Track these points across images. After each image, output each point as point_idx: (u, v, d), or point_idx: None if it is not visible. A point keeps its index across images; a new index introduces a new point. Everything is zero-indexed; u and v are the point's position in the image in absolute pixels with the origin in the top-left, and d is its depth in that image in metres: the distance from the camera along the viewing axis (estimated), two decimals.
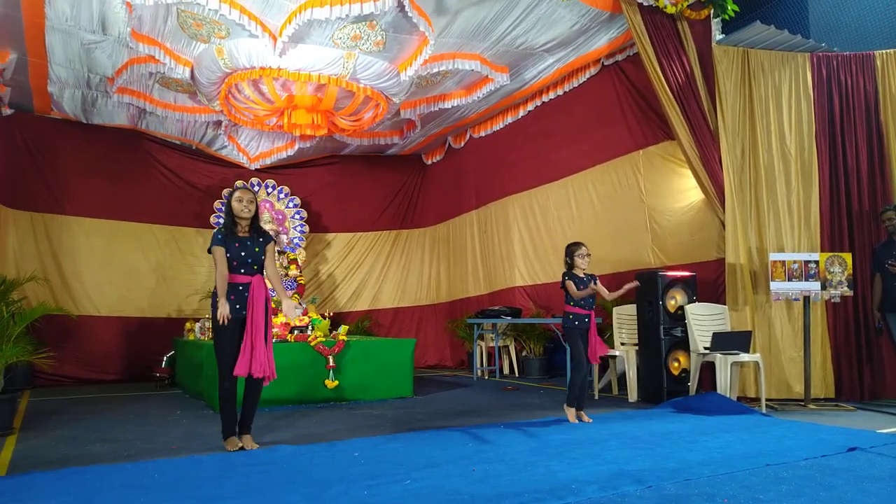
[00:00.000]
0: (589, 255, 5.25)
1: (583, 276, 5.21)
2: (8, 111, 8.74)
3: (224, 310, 4.15)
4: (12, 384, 7.58)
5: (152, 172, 10.24)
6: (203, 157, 10.70)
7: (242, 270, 4.29)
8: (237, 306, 4.24)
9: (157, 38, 7.10)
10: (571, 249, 5.24)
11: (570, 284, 5.15)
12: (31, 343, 5.45)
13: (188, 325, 8.65)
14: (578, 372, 5.16)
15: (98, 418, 5.81)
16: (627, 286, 5.27)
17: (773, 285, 6.03)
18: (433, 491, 3.14)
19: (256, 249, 4.36)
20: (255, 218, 4.43)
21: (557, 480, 3.29)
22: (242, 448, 4.24)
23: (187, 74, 7.73)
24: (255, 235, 4.41)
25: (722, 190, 6.37)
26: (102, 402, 6.90)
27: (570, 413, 5.19)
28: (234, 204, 4.35)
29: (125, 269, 9.79)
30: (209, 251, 4.33)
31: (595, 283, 5.20)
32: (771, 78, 6.62)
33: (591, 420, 5.18)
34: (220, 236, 4.31)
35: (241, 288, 4.27)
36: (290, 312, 4.52)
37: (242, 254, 4.30)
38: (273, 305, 8.53)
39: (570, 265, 5.23)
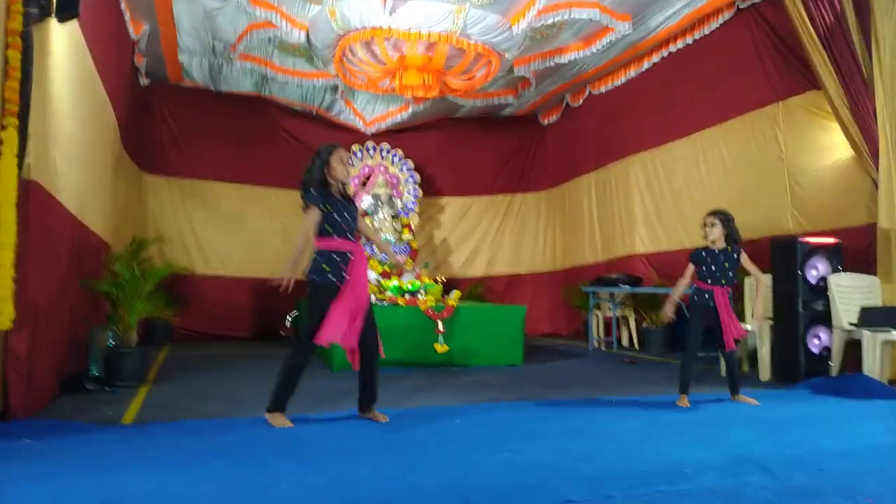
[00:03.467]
0: (705, 225, 4.70)
1: (715, 250, 4.66)
2: (145, 81, 9.31)
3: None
4: (154, 338, 8.26)
5: (276, 138, 10.58)
6: (323, 123, 10.92)
7: (349, 235, 3.90)
8: (344, 275, 3.84)
9: (272, 2, 7.22)
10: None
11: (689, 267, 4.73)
12: (162, 300, 5.80)
13: None
14: (686, 353, 4.70)
15: (222, 373, 6.12)
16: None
17: None
18: (531, 466, 2.97)
19: (353, 215, 3.98)
20: (346, 184, 4.08)
21: (670, 463, 3.01)
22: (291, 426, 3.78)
23: (303, 38, 7.85)
24: (346, 199, 3.99)
25: (876, 146, 5.65)
26: (229, 358, 7.28)
27: (684, 402, 4.61)
28: (337, 164, 3.89)
29: (252, 232, 10.26)
30: (304, 208, 3.86)
31: (738, 257, 4.69)
32: None
33: (757, 402, 4.62)
34: (315, 194, 3.83)
35: (349, 255, 3.87)
36: (393, 257, 4.73)
37: (346, 215, 3.90)
38: (387, 269, 8.74)
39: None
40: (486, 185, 11.69)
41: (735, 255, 4.68)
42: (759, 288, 4.85)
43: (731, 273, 4.66)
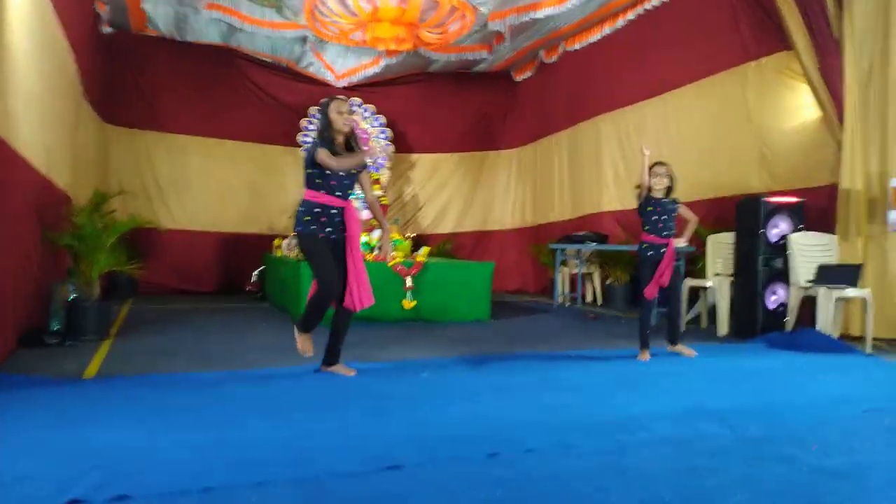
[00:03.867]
0: (657, 174, 4.74)
1: (662, 199, 4.77)
2: (107, 29, 8.95)
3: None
4: (117, 292, 8.15)
5: (243, 90, 10.36)
6: (291, 75, 10.68)
7: (338, 193, 3.82)
8: (327, 229, 3.83)
9: None
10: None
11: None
12: (125, 254, 5.69)
13: (276, 241, 8.88)
14: (642, 309, 4.81)
15: (187, 328, 6.07)
16: None
17: (892, 214, 5.41)
18: (495, 417, 3.04)
19: (353, 171, 3.89)
20: (353, 135, 3.97)
21: (629, 414, 3.10)
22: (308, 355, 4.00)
23: None
24: (352, 154, 3.94)
25: (842, 107, 5.69)
26: (194, 313, 7.22)
27: (645, 356, 4.74)
28: (334, 116, 3.80)
29: (220, 186, 10.10)
30: (311, 160, 3.74)
31: (678, 206, 4.85)
32: None
33: (694, 353, 4.82)
34: (321, 143, 3.76)
35: (333, 212, 3.82)
36: (387, 248, 4.19)
37: (341, 173, 3.83)
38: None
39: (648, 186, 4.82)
40: (457, 142, 11.61)
41: (676, 205, 4.82)
42: (689, 224, 4.94)
43: (673, 222, 4.80)
